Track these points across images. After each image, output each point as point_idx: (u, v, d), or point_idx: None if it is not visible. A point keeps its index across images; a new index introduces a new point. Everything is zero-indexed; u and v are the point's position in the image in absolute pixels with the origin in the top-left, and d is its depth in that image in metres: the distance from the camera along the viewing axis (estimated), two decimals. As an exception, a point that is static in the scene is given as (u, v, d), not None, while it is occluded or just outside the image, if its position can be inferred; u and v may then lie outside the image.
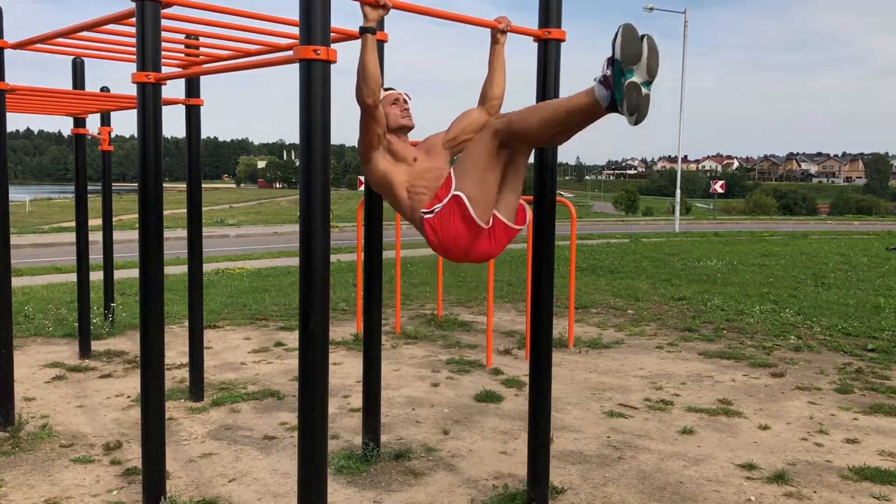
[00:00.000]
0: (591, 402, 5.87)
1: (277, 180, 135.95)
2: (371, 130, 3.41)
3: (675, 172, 31.91)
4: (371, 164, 3.52)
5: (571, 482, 4.28)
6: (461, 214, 3.29)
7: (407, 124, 3.58)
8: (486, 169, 3.31)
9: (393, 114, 3.55)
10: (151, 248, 3.60)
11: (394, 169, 3.49)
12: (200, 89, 5.57)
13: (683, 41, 30.41)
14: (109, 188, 8.06)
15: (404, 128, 3.58)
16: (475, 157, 3.34)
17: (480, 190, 3.29)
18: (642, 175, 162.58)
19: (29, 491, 4.09)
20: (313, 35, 2.74)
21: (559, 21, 3.70)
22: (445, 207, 3.32)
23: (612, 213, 56.83)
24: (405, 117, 3.58)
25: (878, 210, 61.90)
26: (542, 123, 3.23)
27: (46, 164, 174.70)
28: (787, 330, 8.57)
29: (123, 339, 7.90)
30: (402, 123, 3.56)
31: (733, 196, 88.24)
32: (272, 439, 4.94)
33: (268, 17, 4.06)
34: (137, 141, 3.57)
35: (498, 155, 3.32)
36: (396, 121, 3.55)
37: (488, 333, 7.05)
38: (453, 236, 3.33)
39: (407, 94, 3.65)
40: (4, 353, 5.05)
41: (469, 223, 3.30)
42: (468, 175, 3.32)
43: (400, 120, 3.56)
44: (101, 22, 3.88)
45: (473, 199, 3.28)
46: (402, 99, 3.61)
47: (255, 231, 26.65)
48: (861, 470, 4.44)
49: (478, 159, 3.32)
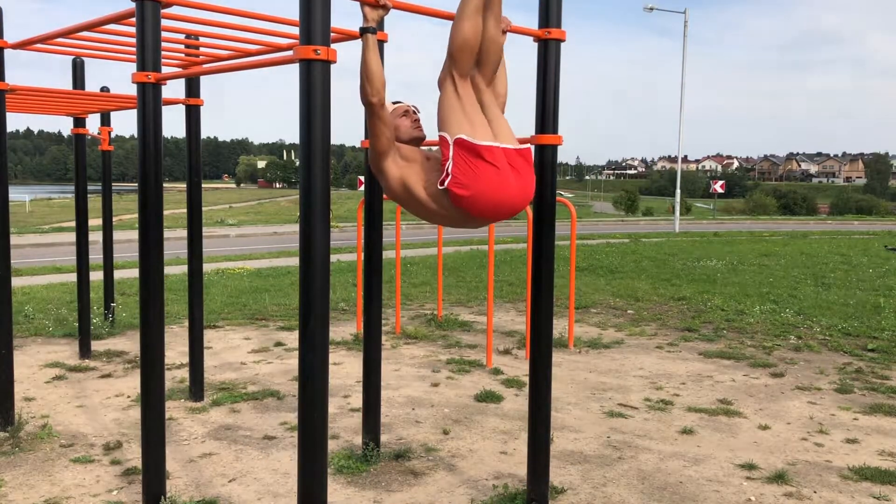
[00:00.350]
0: (591, 402, 5.87)
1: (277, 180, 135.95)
2: (380, 133, 3.35)
3: (675, 172, 31.91)
4: (386, 173, 3.44)
5: (571, 482, 4.28)
6: (473, 150, 3.19)
7: (418, 135, 3.59)
8: (464, 106, 3.28)
9: (404, 126, 3.56)
10: (151, 249, 3.59)
11: (408, 170, 3.42)
12: (200, 89, 5.57)
13: (683, 41, 30.45)
14: (109, 188, 8.06)
15: (416, 139, 3.59)
16: (447, 105, 3.30)
17: (472, 125, 3.24)
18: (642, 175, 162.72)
19: (29, 491, 4.09)
20: (313, 35, 2.74)
21: (559, 21, 3.70)
22: (455, 157, 3.21)
23: (612, 213, 56.87)
24: (416, 128, 3.59)
25: (878, 210, 61.86)
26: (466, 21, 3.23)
27: (46, 164, 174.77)
28: (787, 330, 8.57)
29: (123, 339, 7.91)
30: (413, 135, 3.57)
31: (733, 196, 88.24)
32: (272, 439, 4.94)
33: (268, 17, 4.06)
34: (137, 141, 3.56)
35: (464, 88, 3.30)
36: (409, 132, 3.56)
37: (488, 333, 7.05)
38: (482, 180, 3.20)
39: (415, 107, 3.66)
40: (4, 353, 5.05)
41: (484, 153, 3.19)
42: (453, 121, 3.26)
43: (412, 132, 3.57)
44: (101, 22, 3.88)
45: (471, 133, 3.22)
46: (412, 111, 3.62)
47: (255, 231, 26.65)
48: (861, 470, 4.44)
49: (450, 103, 3.29)
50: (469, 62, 3.32)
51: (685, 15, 29.96)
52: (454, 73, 3.29)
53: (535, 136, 3.75)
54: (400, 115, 3.58)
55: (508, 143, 3.31)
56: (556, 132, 3.76)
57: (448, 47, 3.28)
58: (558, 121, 3.77)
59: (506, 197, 3.24)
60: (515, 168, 3.28)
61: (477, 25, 3.27)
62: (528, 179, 3.33)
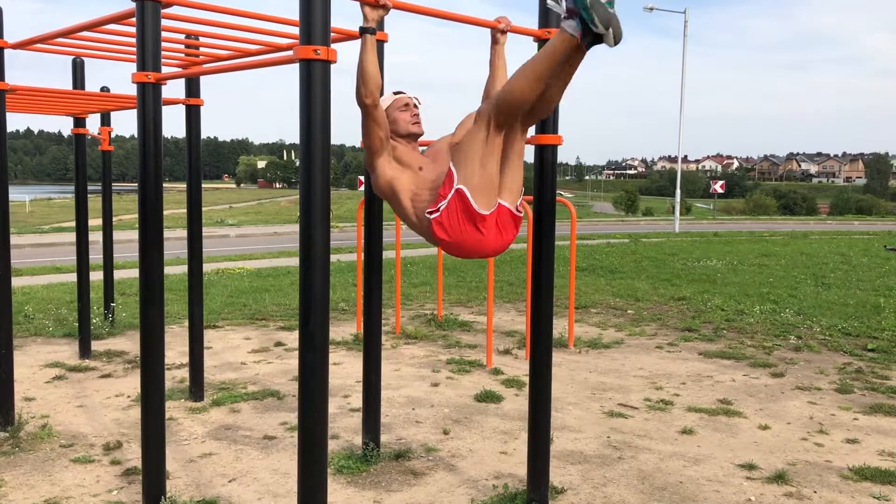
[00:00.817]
0: (591, 402, 5.87)
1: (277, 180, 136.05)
2: (374, 134, 3.35)
3: (675, 172, 31.92)
4: (377, 171, 3.46)
5: (571, 482, 4.28)
6: (464, 208, 3.22)
7: (416, 131, 3.55)
8: (484, 156, 3.23)
9: (403, 119, 3.52)
10: (151, 249, 3.59)
11: (400, 176, 3.43)
12: (200, 89, 5.57)
13: (683, 41, 30.45)
14: (109, 188, 8.06)
15: (413, 135, 3.55)
16: (472, 146, 3.25)
17: (482, 178, 3.22)
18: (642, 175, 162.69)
19: (29, 491, 4.09)
20: (313, 35, 2.74)
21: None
22: (451, 202, 3.24)
23: (612, 213, 56.87)
24: (415, 124, 3.54)
25: (878, 210, 61.86)
26: (525, 85, 3.13)
27: (46, 164, 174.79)
28: (787, 330, 8.57)
29: (123, 339, 7.91)
30: (411, 130, 3.53)
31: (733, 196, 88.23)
32: (272, 439, 4.94)
33: (268, 17, 4.06)
34: (137, 141, 3.57)
35: (494, 139, 3.24)
36: (406, 127, 3.52)
37: (488, 333, 7.05)
38: (464, 236, 3.26)
39: (417, 99, 3.60)
40: (4, 353, 5.05)
41: (475, 218, 3.23)
42: (468, 166, 3.23)
43: (410, 127, 3.53)
44: (101, 22, 3.88)
45: (475, 189, 3.21)
46: (413, 104, 3.57)
47: (255, 231, 26.65)
48: (861, 470, 4.44)
49: (475, 147, 3.24)
50: (512, 119, 3.24)
51: (685, 15, 29.96)
52: (492, 122, 3.19)
53: (535, 136, 3.75)
54: (400, 107, 3.54)
55: (508, 199, 3.31)
56: (556, 132, 3.76)
57: (499, 95, 3.18)
58: (558, 121, 3.77)
59: (479, 251, 3.34)
60: (500, 227, 3.31)
61: (536, 91, 3.15)
62: (508, 238, 3.38)
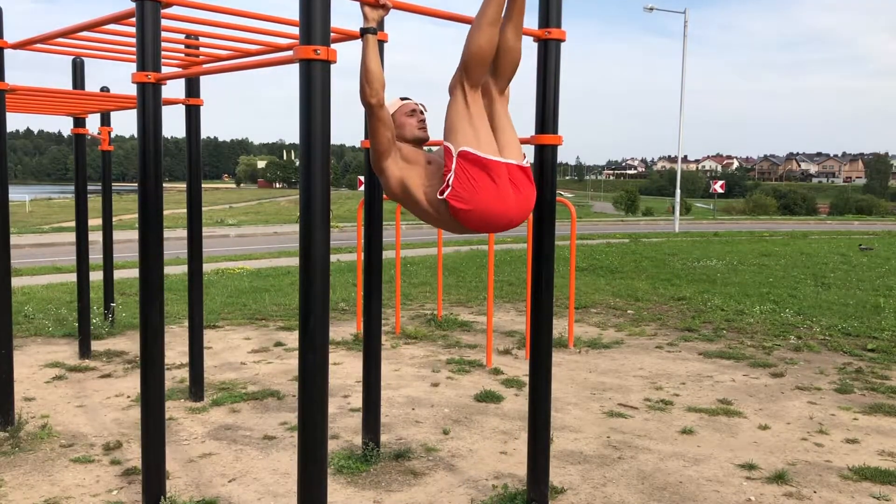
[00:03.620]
0: (591, 402, 5.87)
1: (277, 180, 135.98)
2: (380, 134, 3.35)
3: (675, 172, 31.91)
4: (386, 173, 3.45)
5: (571, 482, 4.28)
6: (476, 164, 3.19)
7: (422, 136, 3.56)
8: (472, 117, 3.25)
9: (409, 125, 3.54)
10: (151, 248, 3.59)
11: (409, 172, 3.43)
12: (200, 89, 5.57)
13: (683, 41, 30.44)
14: (109, 188, 8.06)
15: (420, 140, 3.56)
16: (456, 115, 3.27)
17: (477, 138, 3.23)
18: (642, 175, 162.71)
19: (29, 491, 4.09)
20: (313, 35, 2.74)
21: (559, 21, 3.70)
22: (457, 170, 3.21)
23: (612, 213, 56.85)
24: (421, 129, 3.56)
25: (878, 210, 61.86)
26: (480, 34, 3.19)
27: (46, 164, 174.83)
28: (787, 330, 8.57)
29: (123, 339, 7.90)
30: (417, 135, 3.55)
31: (733, 196, 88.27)
32: (272, 439, 4.94)
33: (268, 17, 4.06)
34: (137, 141, 3.57)
35: (474, 101, 3.27)
36: (413, 132, 3.54)
37: (488, 333, 7.05)
38: (482, 196, 3.20)
39: (423, 105, 3.63)
40: (4, 353, 5.05)
41: (487, 168, 3.19)
42: (459, 131, 3.24)
43: (416, 132, 3.54)
44: (101, 22, 3.88)
45: (477, 145, 3.21)
46: (419, 110, 3.59)
47: (255, 231, 26.65)
48: (861, 470, 4.44)
49: (459, 114, 3.26)
50: (481, 72, 3.28)
51: (685, 15, 29.96)
52: (465, 83, 3.25)
53: (535, 136, 3.76)
54: (406, 113, 3.56)
55: (512, 157, 3.30)
56: (556, 132, 3.76)
57: (461, 56, 3.24)
58: (558, 121, 3.77)
59: (503, 212, 3.26)
60: (515, 184, 3.28)
61: (492, 36, 3.22)
62: (528, 195, 3.33)
